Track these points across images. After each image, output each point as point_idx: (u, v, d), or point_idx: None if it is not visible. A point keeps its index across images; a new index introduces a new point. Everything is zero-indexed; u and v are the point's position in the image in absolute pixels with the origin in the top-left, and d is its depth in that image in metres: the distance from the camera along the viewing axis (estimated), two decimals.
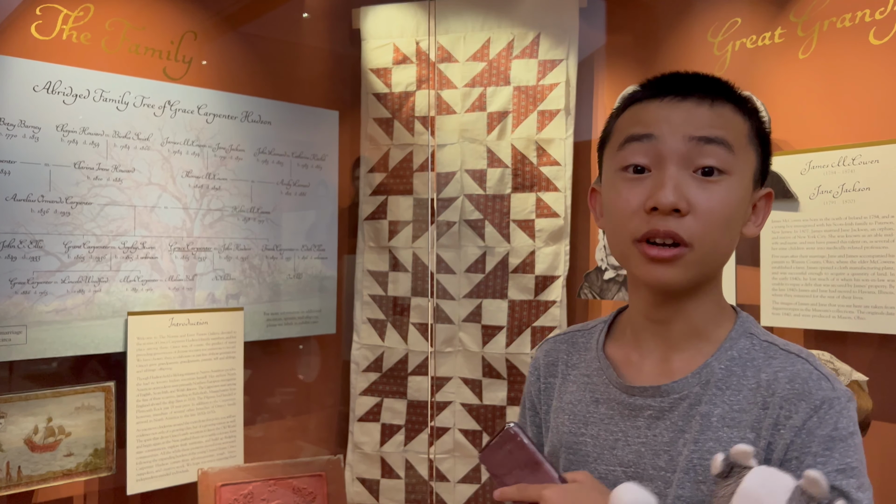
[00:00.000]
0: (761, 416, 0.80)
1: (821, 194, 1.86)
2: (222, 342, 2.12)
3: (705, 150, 0.81)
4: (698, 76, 0.88)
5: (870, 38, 1.82)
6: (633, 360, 0.91)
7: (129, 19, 2.01)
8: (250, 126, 2.22)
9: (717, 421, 0.82)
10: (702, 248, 0.81)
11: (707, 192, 0.80)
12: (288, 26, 2.44)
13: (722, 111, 0.83)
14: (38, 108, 1.82)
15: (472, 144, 2.33)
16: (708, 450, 0.81)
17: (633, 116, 0.87)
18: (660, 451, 0.84)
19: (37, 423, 1.82)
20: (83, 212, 1.89)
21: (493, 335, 2.31)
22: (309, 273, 2.37)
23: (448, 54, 2.37)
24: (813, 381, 0.80)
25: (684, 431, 0.83)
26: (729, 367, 0.84)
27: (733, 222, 0.83)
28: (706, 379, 0.84)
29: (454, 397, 2.34)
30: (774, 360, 0.84)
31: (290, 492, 2.07)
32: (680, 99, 0.84)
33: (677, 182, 0.80)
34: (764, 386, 0.82)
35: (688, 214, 0.80)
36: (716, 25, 2.12)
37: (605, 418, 0.90)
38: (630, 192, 0.83)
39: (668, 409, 0.85)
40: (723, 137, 0.81)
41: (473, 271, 2.33)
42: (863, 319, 1.77)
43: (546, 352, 1.03)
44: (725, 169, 0.81)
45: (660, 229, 0.80)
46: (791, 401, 0.80)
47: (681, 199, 0.80)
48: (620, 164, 0.85)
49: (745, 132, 0.85)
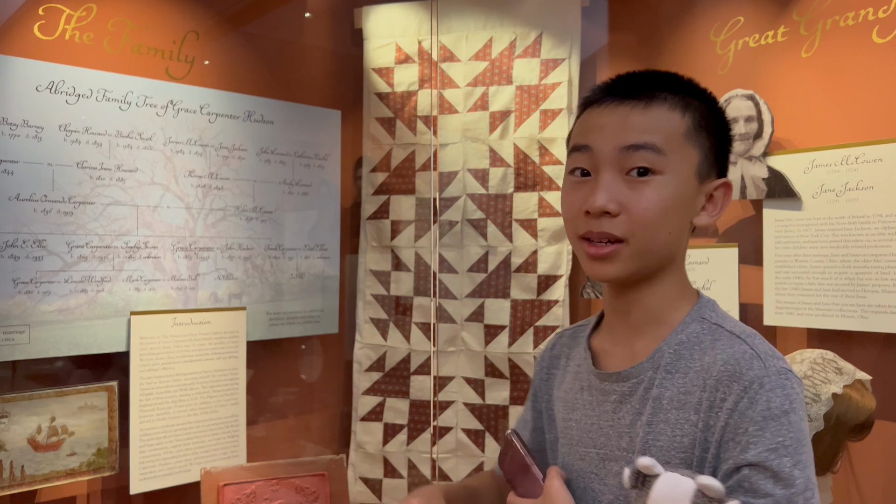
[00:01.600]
0: (701, 397, 0.84)
1: (824, 193, 1.85)
2: (225, 342, 2.12)
3: (635, 156, 0.87)
4: (639, 77, 0.94)
5: (873, 37, 1.81)
6: (607, 348, 0.99)
7: (132, 19, 2.02)
8: (253, 126, 2.22)
9: (667, 403, 0.87)
10: (636, 243, 0.88)
11: (637, 192, 0.87)
12: (290, 26, 2.44)
13: (657, 112, 0.89)
14: (41, 107, 1.82)
15: (474, 144, 2.33)
16: (660, 431, 0.86)
17: (580, 123, 0.95)
18: (622, 432, 0.90)
19: (40, 422, 1.83)
20: (86, 211, 1.89)
21: (495, 335, 2.30)
22: (311, 273, 2.37)
23: (450, 54, 2.37)
24: (745, 360, 0.83)
25: (641, 414, 0.89)
26: (678, 350, 0.89)
27: (669, 216, 0.88)
28: (658, 363, 0.90)
29: (457, 397, 2.34)
30: (718, 343, 0.87)
31: (293, 491, 2.07)
32: (618, 103, 0.90)
33: (609, 187, 0.88)
34: (705, 368, 0.86)
35: (620, 214, 0.87)
36: (718, 24, 2.12)
37: (587, 404, 0.96)
38: (574, 195, 0.92)
39: (628, 394, 0.91)
40: (651, 143, 0.87)
41: (476, 271, 2.33)
42: (866, 318, 1.77)
43: (552, 345, 1.11)
44: (656, 169, 0.87)
45: (594, 230, 0.89)
46: (724, 382, 0.83)
47: (610, 202, 0.87)
48: (569, 168, 0.94)
49: (682, 130, 0.89)
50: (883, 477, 1.80)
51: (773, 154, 1.96)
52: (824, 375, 1.55)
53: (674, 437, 0.85)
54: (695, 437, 0.83)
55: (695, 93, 0.93)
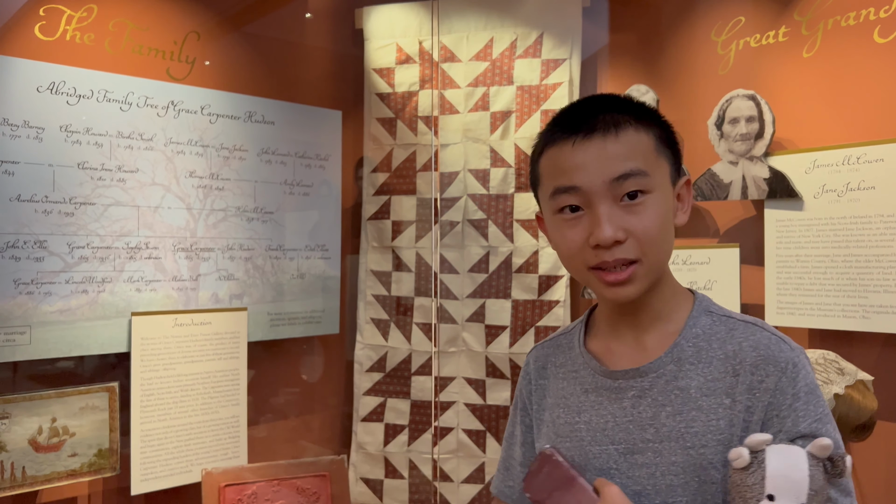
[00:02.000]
0: (734, 382, 0.92)
1: (825, 193, 1.85)
2: (226, 342, 2.12)
3: (626, 184, 0.91)
4: (597, 104, 0.96)
5: (874, 37, 1.81)
6: (612, 348, 1.02)
7: (133, 20, 2.02)
8: (254, 126, 2.22)
9: (696, 392, 0.93)
10: (649, 260, 0.93)
11: (637, 216, 0.91)
12: (291, 26, 2.44)
13: (627, 137, 0.92)
14: (42, 108, 1.83)
15: (475, 144, 2.33)
16: (692, 418, 0.92)
17: (552, 163, 0.96)
18: (645, 425, 0.94)
19: (41, 423, 1.83)
20: (87, 212, 1.89)
21: (496, 335, 2.30)
22: (312, 273, 2.37)
23: (451, 54, 2.37)
24: (774, 345, 0.92)
25: (665, 405, 0.94)
26: (696, 343, 0.96)
27: (666, 227, 0.94)
28: (678, 356, 0.95)
29: (458, 397, 2.34)
30: (735, 332, 0.95)
31: (294, 492, 2.07)
32: (587, 136, 0.92)
33: (610, 217, 0.91)
34: (731, 356, 0.93)
35: (627, 239, 0.91)
36: (719, 24, 2.12)
37: (595, 404, 1.00)
38: (572, 232, 0.94)
39: (647, 388, 0.95)
40: (636, 168, 0.91)
41: (477, 271, 2.33)
42: (868, 319, 1.76)
43: (535, 357, 1.13)
44: (646, 189, 0.92)
45: (608, 260, 0.92)
46: (759, 366, 0.91)
47: (617, 230, 0.91)
48: (556, 209, 0.96)
49: (653, 146, 0.94)
50: (885, 477, 1.80)
51: (774, 154, 1.96)
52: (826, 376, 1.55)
53: (709, 421, 0.91)
54: (731, 418, 0.90)
55: (638, 108, 0.97)
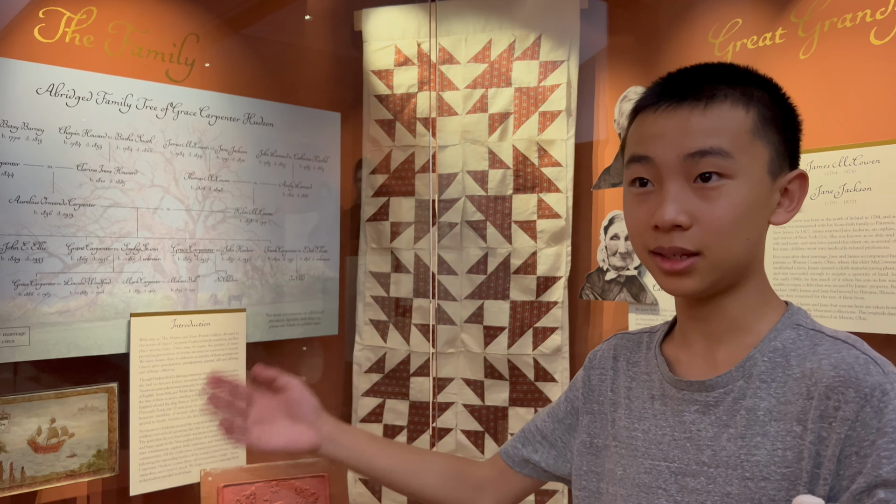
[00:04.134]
0: (806, 406, 0.77)
1: (822, 194, 1.86)
2: (225, 343, 2.13)
3: (701, 163, 0.81)
4: (693, 73, 0.87)
5: (871, 39, 1.81)
6: (682, 356, 0.93)
7: (132, 22, 2.02)
8: (252, 128, 2.22)
9: (764, 415, 0.80)
10: (712, 255, 0.82)
11: (709, 202, 0.81)
12: (290, 28, 2.45)
13: (718, 112, 0.82)
14: (41, 110, 1.83)
15: (473, 146, 2.34)
16: (755, 444, 0.79)
17: (636, 131, 0.89)
18: (703, 446, 0.83)
19: (40, 424, 1.83)
20: (86, 213, 1.90)
21: (494, 336, 2.31)
22: (311, 274, 2.37)
23: (449, 56, 2.38)
24: (860, 365, 0.75)
25: (728, 426, 0.82)
26: (772, 358, 0.82)
27: (744, 222, 0.82)
28: (749, 372, 0.83)
29: (456, 398, 2.34)
30: (819, 348, 0.81)
31: (293, 493, 2.07)
32: (674, 107, 0.84)
33: (676, 198, 0.81)
34: (808, 375, 0.79)
35: (692, 226, 0.81)
36: (717, 26, 2.12)
37: (658, 414, 0.90)
38: (639, 208, 0.86)
39: (713, 404, 0.84)
40: (717, 147, 0.81)
41: (475, 272, 2.33)
42: (864, 320, 1.77)
43: (613, 345, 1.05)
44: (725, 173, 0.81)
45: (665, 246, 0.83)
46: (837, 389, 0.75)
47: (680, 214, 0.81)
48: (629, 180, 0.89)
49: (749, 127, 0.82)
50: None
51: None
52: None
53: (774, 450, 0.78)
54: (801, 449, 0.76)
55: (756, 82, 0.87)
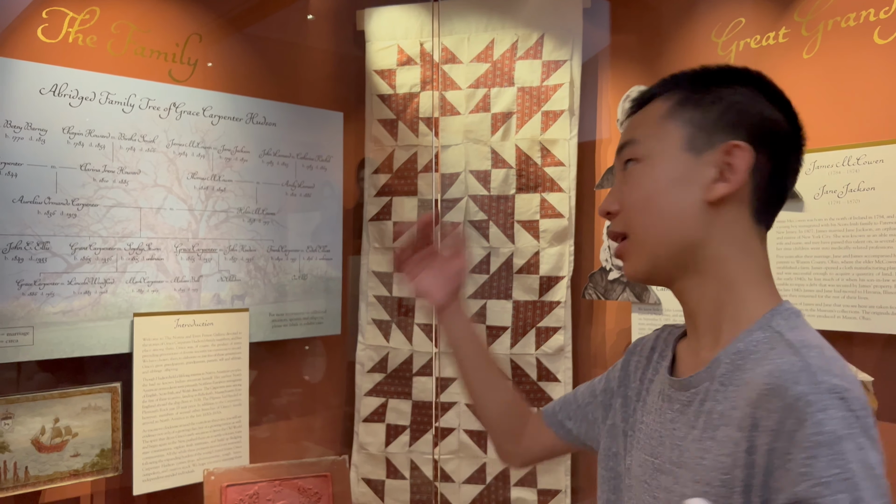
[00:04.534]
0: (746, 413, 0.74)
1: (825, 194, 1.85)
2: (228, 343, 2.13)
3: (622, 154, 0.90)
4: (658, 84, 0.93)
5: (874, 38, 1.81)
6: (683, 354, 0.93)
7: (135, 22, 2.02)
8: (255, 128, 2.22)
9: (717, 418, 0.78)
10: (635, 234, 0.87)
11: (627, 185, 0.89)
12: (292, 28, 2.45)
13: (646, 109, 0.90)
14: (45, 110, 1.83)
15: (476, 145, 2.33)
16: (706, 448, 0.77)
17: None
18: (674, 445, 0.83)
19: (44, 423, 1.83)
20: (89, 213, 1.90)
21: (497, 335, 2.31)
22: (314, 274, 2.37)
23: (452, 55, 2.38)
24: (790, 374, 0.71)
25: (693, 427, 0.81)
26: (734, 360, 0.79)
27: (657, 199, 0.84)
28: (713, 374, 0.81)
29: (459, 398, 2.34)
30: (772, 352, 0.76)
31: (296, 492, 2.08)
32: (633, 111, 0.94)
33: (613, 189, 0.91)
34: (752, 380, 0.75)
35: (620, 211, 0.89)
36: (720, 25, 2.12)
37: (658, 409, 0.90)
38: None
39: (687, 404, 0.83)
40: (630, 139, 0.89)
41: (478, 272, 2.33)
42: (868, 319, 1.77)
43: (656, 336, 1.03)
44: (636, 157, 0.88)
45: (610, 231, 0.92)
46: (766, 397, 0.71)
47: (611, 203, 0.90)
48: None
49: (661, 113, 0.87)
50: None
51: None
52: None
53: (718, 456, 0.75)
54: (736, 457, 0.73)
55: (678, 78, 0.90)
